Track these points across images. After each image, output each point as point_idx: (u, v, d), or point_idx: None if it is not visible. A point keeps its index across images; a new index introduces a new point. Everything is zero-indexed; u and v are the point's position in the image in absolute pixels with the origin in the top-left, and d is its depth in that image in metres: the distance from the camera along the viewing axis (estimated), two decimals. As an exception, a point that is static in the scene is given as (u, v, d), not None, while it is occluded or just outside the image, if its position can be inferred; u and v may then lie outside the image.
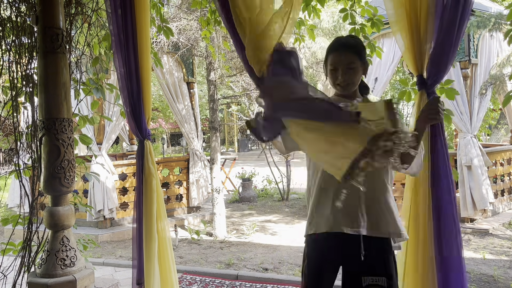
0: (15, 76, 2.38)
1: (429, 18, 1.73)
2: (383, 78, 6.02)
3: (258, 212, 7.30)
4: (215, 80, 5.82)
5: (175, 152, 22.41)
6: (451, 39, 1.71)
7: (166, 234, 2.36)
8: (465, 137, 5.38)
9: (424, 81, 1.80)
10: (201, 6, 3.47)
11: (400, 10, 1.78)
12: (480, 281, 3.71)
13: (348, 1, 2.97)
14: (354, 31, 2.89)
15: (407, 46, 1.80)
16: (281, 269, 4.19)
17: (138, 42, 2.26)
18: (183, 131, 6.69)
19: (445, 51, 1.73)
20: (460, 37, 1.74)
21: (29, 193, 2.43)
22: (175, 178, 6.71)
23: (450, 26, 1.70)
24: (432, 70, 1.77)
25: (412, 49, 1.79)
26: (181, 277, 3.98)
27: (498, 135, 11.51)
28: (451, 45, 1.72)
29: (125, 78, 2.25)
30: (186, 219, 6.44)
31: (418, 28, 1.76)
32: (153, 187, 2.27)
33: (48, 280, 2.09)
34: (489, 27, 5.15)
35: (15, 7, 2.40)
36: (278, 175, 8.74)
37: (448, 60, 1.75)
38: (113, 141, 6.38)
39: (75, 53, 2.68)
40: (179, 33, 5.88)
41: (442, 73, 1.78)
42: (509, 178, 6.31)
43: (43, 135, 2.14)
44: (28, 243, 2.33)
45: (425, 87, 1.80)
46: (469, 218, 5.35)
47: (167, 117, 20.09)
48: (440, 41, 1.72)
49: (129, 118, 2.32)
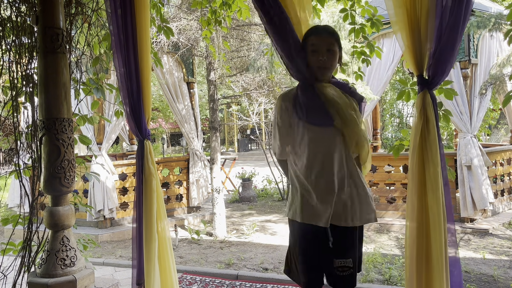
0: (15, 76, 2.38)
1: (429, 17, 1.73)
2: (383, 78, 6.02)
3: (258, 212, 7.30)
4: (215, 80, 5.82)
5: (175, 152, 22.41)
6: (453, 39, 1.71)
7: (166, 234, 2.36)
8: (465, 137, 5.38)
9: (425, 81, 1.80)
10: (201, 6, 3.47)
11: (401, 9, 1.78)
12: (480, 281, 3.71)
13: (348, 1, 2.97)
14: (354, 31, 2.89)
15: (408, 46, 1.80)
16: (281, 269, 4.19)
17: (138, 42, 2.26)
18: (183, 131, 6.69)
19: (447, 51, 1.73)
20: (461, 37, 1.74)
21: (29, 193, 2.43)
22: (175, 178, 6.71)
23: (452, 26, 1.70)
24: (434, 70, 1.76)
25: (413, 49, 1.79)
26: (181, 277, 3.98)
27: (498, 135, 11.51)
28: (453, 45, 1.72)
29: (125, 78, 2.25)
30: (186, 219, 6.44)
31: (418, 28, 1.76)
32: (153, 187, 2.27)
33: (48, 280, 2.09)
34: (489, 27, 5.15)
35: (15, 7, 2.40)
36: (278, 175, 8.74)
37: (450, 60, 1.74)
38: (113, 141, 6.38)
39: (75, 53, 2.68)
40: (179, 33, 5.88)
41: (444, 73, 1.77)
42: (509, 178, 6.31)
43: (43, 135, 2.14)
44: (28, 243, 2.33)
45: (426, 87, 1.80)
46: (469, 218, 5.35)
47: (167, 117, 20.09)
48: (441, 41, 1.72)
49: (129, 118, 2.32)
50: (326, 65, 1.87)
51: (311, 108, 1.90)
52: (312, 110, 1.90)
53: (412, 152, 1.81)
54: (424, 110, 1.78)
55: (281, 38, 1.97)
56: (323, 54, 1.85)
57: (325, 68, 1.88)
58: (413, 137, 1.82)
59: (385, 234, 5.36)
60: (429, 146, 1.77)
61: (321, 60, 1.85)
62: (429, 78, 1.79)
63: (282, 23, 1.96)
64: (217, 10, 3.45)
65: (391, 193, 5.87)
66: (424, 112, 1.78)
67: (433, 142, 1.78)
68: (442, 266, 1.73)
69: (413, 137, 1.82)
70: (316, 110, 1.90)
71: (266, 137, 12.51)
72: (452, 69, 4.93)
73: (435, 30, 1.71)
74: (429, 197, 1.76)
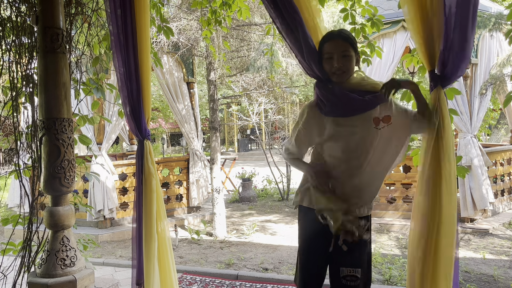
0: (15, 76, 2.38)
1: (439, 13, 1.69)
2: (383, 78, 6.02)
3: (258, 212, 7.30)
4: (215, 80, 5.82)
5: (175, 152, 22.41)
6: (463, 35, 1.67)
7: (166, 234, 2.36)
8: (465, 137, 5.38)
9: (437, 77, 1.74)
10: (201, 6, 3.47)
11: (413, 6, 1.74)
12: (480, 281, 3.71)
13: (348, 1, 2.97)
14: (354, 31, 2.89)
15: (420, 42, 1.74)
16: (281, 269, 4.19)
17: (138, 42, 2.26)
18: (183, 131, 6.69)
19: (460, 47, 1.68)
20: (473, 32, 1.69)
21: (29, 193, 2.43)
22: (175, 178, 6.71)
23: (461, 21, 1.66)
24: (448, 66, 1.71)
25: (425, 45, 1.74)
26: (181, 277, 3.98)
27: (498, 135, 11.50)
28: (464, 40, 1.67)
29: (125, 78, 2.25)
30: (186, 219, 6.44)
31: (431, 23, 1.70)
32: (153, 187, 2.27)
33: (48, 280, 2.09)
34: (489, 27, 5.15)
35: (15, 7, 2.40)
36: (278, 175, 8.74)
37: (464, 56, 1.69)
38: (113, 141, 6.38)
39: (75, 53, 2.68)
40: (179, 33, 5.88)
41: (459, 70, 1.72)
42: (509, 178, 6.31)
43: (43, 135, 2.14)
44: (28, 243, 2.33)
45: (440, 83, 1.74)
46: (469, 218, 5.35)
47: (167, 117, 20.09)
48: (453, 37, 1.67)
49: (129, 118, 2.32)
50: (343, 70, 1.84)
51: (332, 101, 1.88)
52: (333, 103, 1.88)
53: (426, 151, 1.75)
54: (439, 107, 1.72)
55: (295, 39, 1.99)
56: (338, 60, 1.82)
57: (341, 73, 1.85)
58: (428, 135, 1.75)
59: (385, 234, 5.36)
60: (445, 145, 1.70)
61: (335, 67, 1.83)
62: (443, 74, 1.73)
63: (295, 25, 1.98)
64: (217, 10, 3.45)
65: (391, 193, 5.87)
66: (439, 110, 1.71)
67: (449, 141, 1.71)
68: (451, 266, 1.72)
69: (428, 135, 1.75)
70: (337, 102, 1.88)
71: (266, 137, 12.51)
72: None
73: (447, 26, 1.67)
74: (444, 197, 1.71)
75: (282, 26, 2.01)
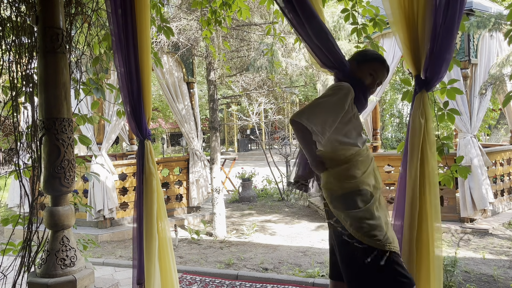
0: (15, 76, 2.38)
1: (426, 18, 1.74)
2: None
3: (258, 212, 7.30)
4: (215, 80, 5.81)
5: (175, 152, 22.41)
6: (448, 40, 1.73)
7: (166, 234, 2.36)
8: (465, 137, 5.38)
9: (422, 82, 1.81)
10: (201, 6, 3.46)
11: (398, 10, 1.79)
12: (480, 281, 3.71)
13: (349, 1, 2.97)
14: (356, 31, 2.89)
15: (406, 46, 1.81)
16: (281, 269, 4.19)
17: (138, 42, 2.26)
18: (183, 131, 6.69)
19: (443, 52, 1.74)
20: (455, 38, 1.78)
21: (29, 193, 2.43)
22: (175, 178, 6.71)
23: (446, 26, 1.72)
24: (431, 71, 1.79)
25: (411, 50, 1.81)
26: (181, 277, 3.98)
27: (498, 135, 11.50)
28: (448, 45, 1.74)
29: (125, 77, 2.25)
30: (186, 219, 6.44)
31: (415, 29, 1.78)
32: (154, 187, 2.27)
33: (48, 280, 2.09)
34: (489, 27, 5.15)
35: (15, 7, 2.40)
36: (278, 175, 8.74)
37: (445, 60, 1.77)
38: (113, 141, 6.37)
39: (75, 53, 2.68)
40: (179, 33, 5.87)
41: (440, 74, 1.81)
42: (509, 178, 6.31)
43: (43, 135, 2.13)
44: (28, 243, 2.33)
45: (424, 87, 1.81)
46: (469, 218, 5.35)
47: (167, 117, 20.09)
48: (437, 42, 1.73)
49: (129, 118, 2.32)
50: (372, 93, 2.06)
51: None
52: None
53: (411, 152, 1.82)
54: (423, 110, 1.80)
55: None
56: (379, 84, 2.03)
57: (371, 94, 2.05)
58: (412, 137, 1.82)
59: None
60: (429, 147, 1.79)
61: (373, 90, 2.04)
62: (427, 79, 1.81)
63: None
64: (217, 10, 3.45)
65: (391, 193, 5.87)
66: (424, 112, 1.79)
67: (433, 143, 1.80)
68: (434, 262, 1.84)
69: (412, 137, 1.82)
70: None
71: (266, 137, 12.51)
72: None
73: (431, 31, 1.73)
74: (426, 196, 1.81)
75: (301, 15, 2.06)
